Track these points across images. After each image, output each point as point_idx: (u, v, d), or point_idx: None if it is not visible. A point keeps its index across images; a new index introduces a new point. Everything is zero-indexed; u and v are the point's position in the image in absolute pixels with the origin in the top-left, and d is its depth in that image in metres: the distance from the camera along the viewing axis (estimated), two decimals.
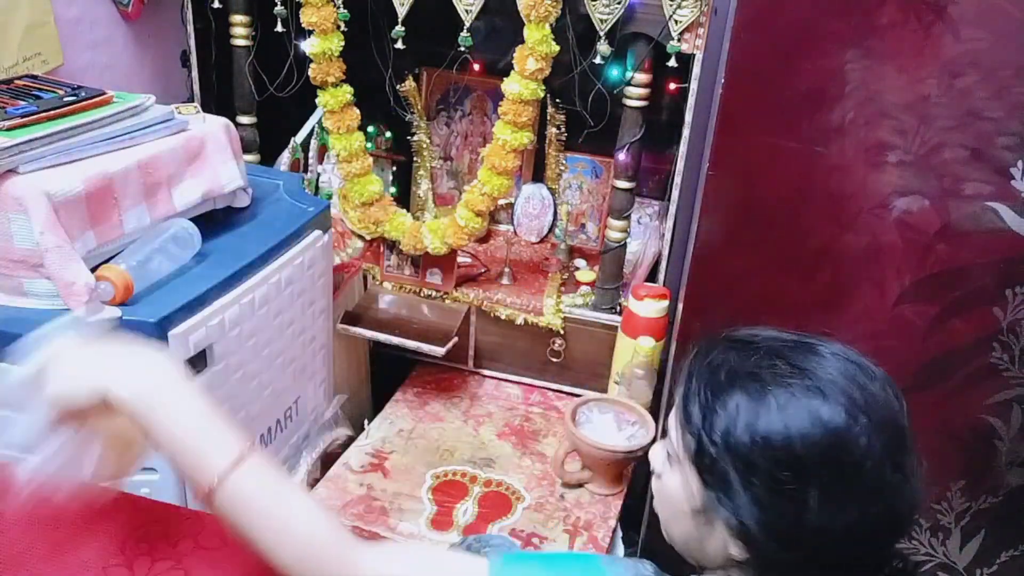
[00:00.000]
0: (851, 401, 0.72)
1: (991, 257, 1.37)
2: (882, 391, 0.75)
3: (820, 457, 0.71)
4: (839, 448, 0.71)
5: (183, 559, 1.02)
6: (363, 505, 1.61)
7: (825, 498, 0.71)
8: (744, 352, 0.79)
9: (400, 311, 1.97)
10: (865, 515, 0.72)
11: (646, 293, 1.75)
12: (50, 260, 1.16)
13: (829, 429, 0.71)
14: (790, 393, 0.73)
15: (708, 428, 0.75)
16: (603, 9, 1.60)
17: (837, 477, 0.71)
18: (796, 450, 0.71)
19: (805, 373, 0.75)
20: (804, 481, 0.71)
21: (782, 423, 0.72)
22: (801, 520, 0.71)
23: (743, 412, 0.73)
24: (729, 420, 0.74)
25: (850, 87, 1.34)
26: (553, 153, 2.10)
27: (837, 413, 0.71)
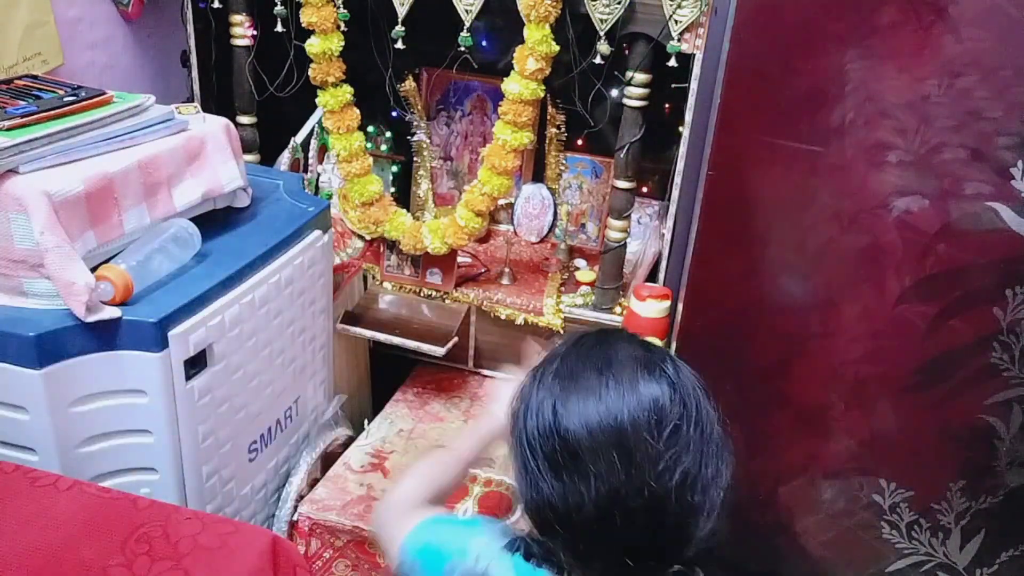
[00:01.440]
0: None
1: (991, 257, 1.37)
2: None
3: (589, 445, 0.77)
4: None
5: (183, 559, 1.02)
6: (363, 505, 1.61)
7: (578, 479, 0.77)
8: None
9: (400, 311, 1.97)
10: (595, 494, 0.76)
11: (648, 293, 1.75)
12: (50, 260, 1.16)
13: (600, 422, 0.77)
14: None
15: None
16: (603, 9, 1.60)
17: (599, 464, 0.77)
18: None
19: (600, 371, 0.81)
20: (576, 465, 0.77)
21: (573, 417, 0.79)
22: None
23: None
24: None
25: (850, 87, 1.34)
26: (553, 153, 2.10)
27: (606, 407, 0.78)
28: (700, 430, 0.78)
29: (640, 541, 0.77)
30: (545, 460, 0.79)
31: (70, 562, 0.99)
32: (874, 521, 1.59)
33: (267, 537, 1.09)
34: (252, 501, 1.55)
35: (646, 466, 0.75)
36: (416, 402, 1.95)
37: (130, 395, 1.24)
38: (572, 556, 0.81)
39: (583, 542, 0.79)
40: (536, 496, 0.80)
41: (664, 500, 0.75)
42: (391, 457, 1.76)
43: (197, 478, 1.35)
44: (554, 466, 0.78)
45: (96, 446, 1.25)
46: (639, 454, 0.75)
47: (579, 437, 0.76)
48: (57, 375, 1.17)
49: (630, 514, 0.75)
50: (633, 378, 0.78)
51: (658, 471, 0.75)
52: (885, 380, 1.50)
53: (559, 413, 0.78)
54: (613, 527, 0.76)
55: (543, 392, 0.81)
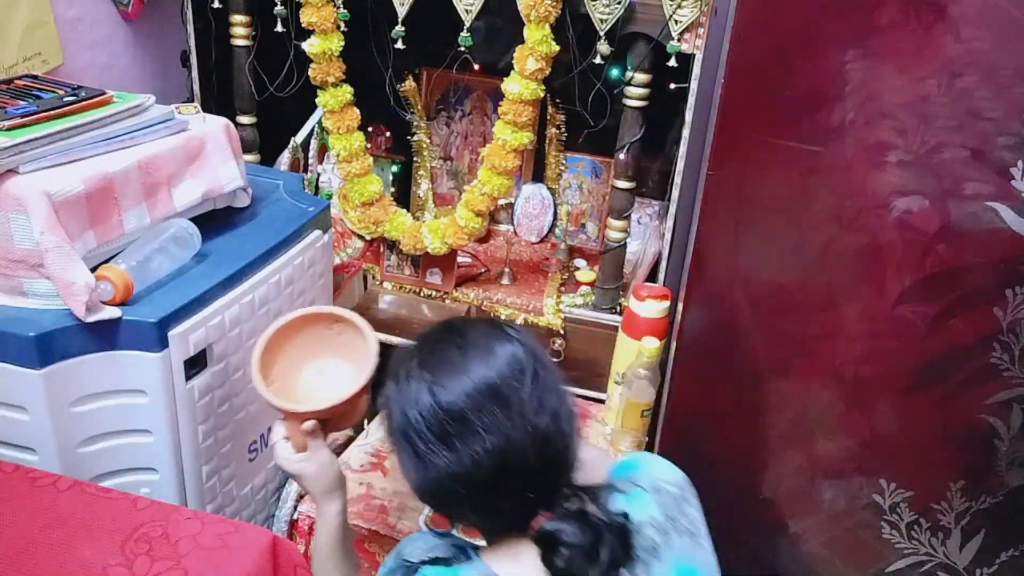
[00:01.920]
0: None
1: (991, 257, 1.37)
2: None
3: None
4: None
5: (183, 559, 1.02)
6: (363, 504, 1.61)
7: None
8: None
9: (400, 311, 1.97)
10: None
11: (647, 293, 1.75)
12: (50, 260, 1.16)
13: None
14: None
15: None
16: (603, 9, 1.60)
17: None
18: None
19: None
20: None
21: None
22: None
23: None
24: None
25: (850, 87, 1.34)
26: (553, 153, 2.10)
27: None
28: (549, 372, 0.92)
29: (535, 475, 0.89)
30: (434, 437, 0.88)
31: (70, 562, 0.99)
32: (874, 521, 1.59)
33: (267, 537, 1.10)
34: (252, 501, 1.55)
35: (523, 409, 0.87)
36: None
37: (130, 395, 1.25)
38: (480, 513, 0.93)
39: (488, 494, 0.89)
40: (434, 474, 0.89)
41: (545, 433, 0.88)
42: (391, 457, 1.76)
43: (197, 478, 1.35)
44: (444, 438, 0.87)
45: (96, 446, 1.25)
46: (514, 401, 0.87)
47: (461, 404, 0.87)
48: (57, 375, 1.17)
49: (522, 453, 0.87)
50: (488, 344, 0.91)
51: (533, 410, 0.88)
52: (885, 380, 1.50)
53: (436, 392, 0.88)
54: (510, 470, 0.87)
55: (414, 383, 0.91)
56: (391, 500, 1.63)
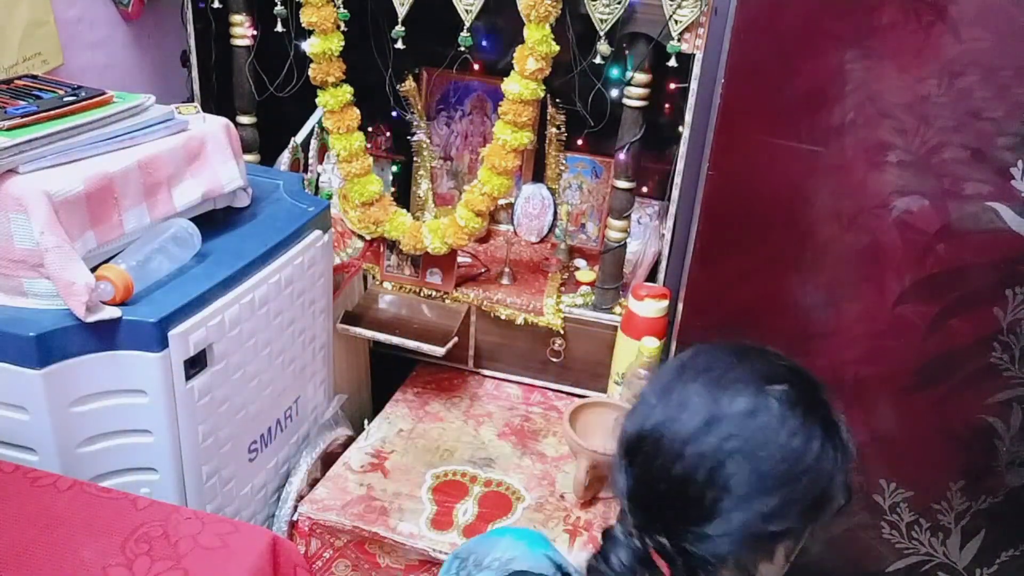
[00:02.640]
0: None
1: (991, 257, 1.37)
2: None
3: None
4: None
5: (183, 559, 1.02)
6: (363, 505, 1.61)
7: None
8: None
9: (400, 311, 1.97)
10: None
11: (646, 293, 1.75)
12: (50, 260, 1.16)
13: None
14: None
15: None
16: (603, 9, 1.60)
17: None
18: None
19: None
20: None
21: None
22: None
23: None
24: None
25: (850, 87, 1.34)
26: (553, 153, 2.10)
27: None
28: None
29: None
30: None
31: (70, 562, 0.99)
32: (874, 521, 1.59)
33: (267, 537, 1.09)
34: (252, 501, 1.55)
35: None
36: (416, 402, 1.95)
37: (130, 395, 1.24)
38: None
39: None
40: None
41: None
42: (391, 457, 1.76)
43: (197, 478, 1.35)
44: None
45: (96, 446, 1.25)
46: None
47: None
48: (57, 375, 1.17)
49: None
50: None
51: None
52: (885, 380, 1.50)
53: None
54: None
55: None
56: (392, 502, 1.63)
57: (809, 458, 0.79)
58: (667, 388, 0.82)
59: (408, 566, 1.58)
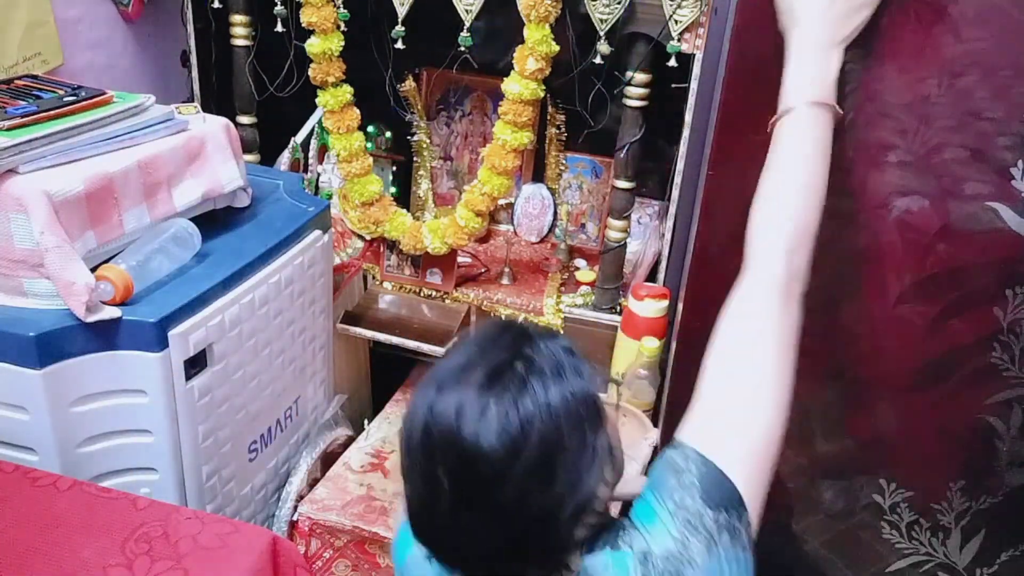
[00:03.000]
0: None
1: (991, 257, 1.37)
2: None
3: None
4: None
5: (183, 559, 1.02)
6: (363, 505, 1.61)
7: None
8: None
9: (400, 311, 1.97)
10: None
11: (646, 293, 1.75)
12: (50, 260, 1.16)
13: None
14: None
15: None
16: (603, 9, 1.60)
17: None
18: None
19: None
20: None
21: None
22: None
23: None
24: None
25: (850, 87, 1.34)
26: (553, 153, 2.10)
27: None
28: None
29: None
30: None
31: (70, 562, 0.99)
32: (874, 521, 1.59)
33: (267, 537, 1.10)
34: (252, 501, 1.55)
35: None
36: None
37: (130, 395, 1.25)
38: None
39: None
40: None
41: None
42: (391, 457, 1.76)
43: (197, 478, 1.35)
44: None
45: (96, 446, 1.25)
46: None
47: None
48: (57, 375, 1.17)
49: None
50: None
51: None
52: (885, 380, 1.50)
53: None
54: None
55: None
56: (392, 502, 1.63)
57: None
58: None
59: None
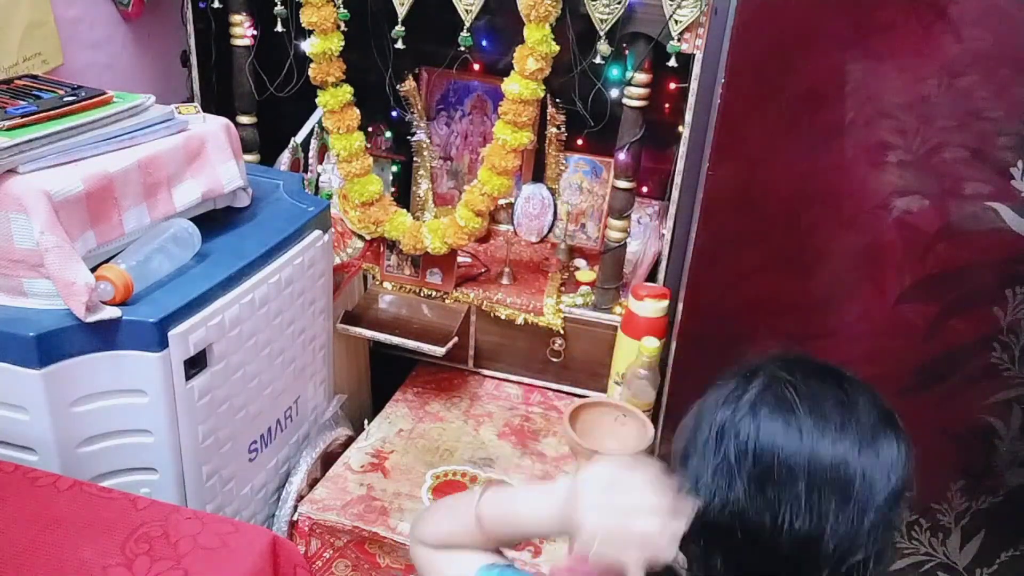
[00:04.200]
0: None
1: (991, 257, 1.37)
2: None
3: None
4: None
5: (183, 559, 1.02)
6: (363, 505, 1.61)
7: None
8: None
9: (400, 311, 1.97)
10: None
11: (646, 293, 1.75)
12: (50, 260, 1.16)
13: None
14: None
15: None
16: (603, 9, 1.60)
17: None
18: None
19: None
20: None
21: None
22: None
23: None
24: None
25: (850, 87, 1.34)
26: (553, 153, 2.10)
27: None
28: (902, 503, 0.77)
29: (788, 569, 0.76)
30: (756, 471, 0.74)
31: (70, 562, 0.99)
32: None
33: (267, 537, 1.09)
34: (252, 501, 1.55)
35: (851, 521, 0.73)
36: (416, 402, 1.95)
37: (130, 395, 1.25)
38: (724, 561, 0.77)
39: (752, 554, 0.76)
40: (728, 507, 0.75)
41: (841, 560, 0.74)
42: (391, 457, 1.76)
43: (197, 478, 1.35)
44: (763, 481, 0.74)
45: (96, 446, 1.25)
46: (854, 507, 0.73)
47: (805, 464, 0.74)
48: (57, 375, 1.17)
49: (813, 552, 0.74)
50: (874, 429, 0.77)
51: (856, 532, 0.73)
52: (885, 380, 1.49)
53: (790, 433, 0.75)
54: (784, 550, 0.74)
55: (772, 409, 0.76)
56: (392, 502, 1.63)
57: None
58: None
59: (408, 566, 1.58)
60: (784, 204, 1.45)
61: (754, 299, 1.53)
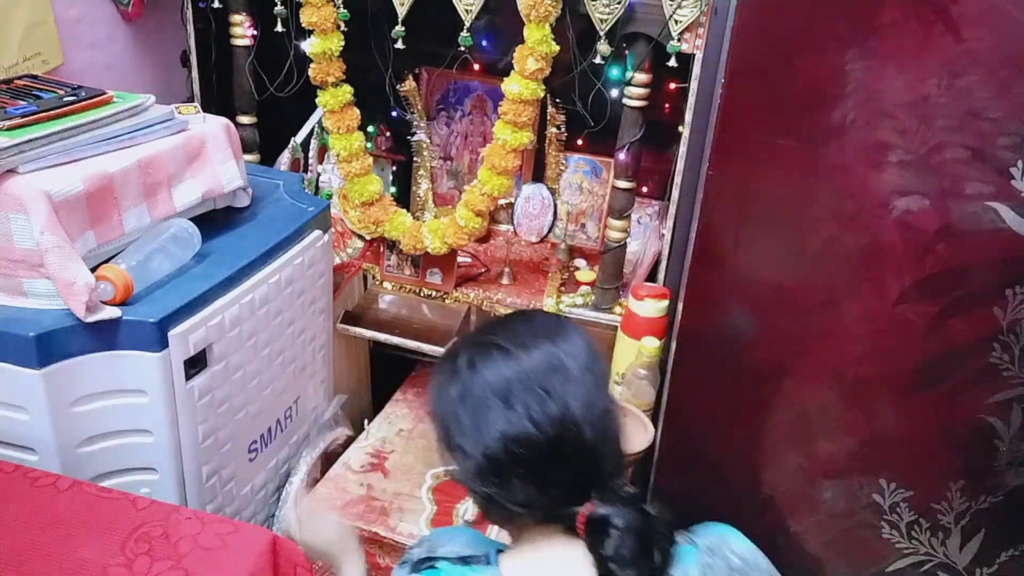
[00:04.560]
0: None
1: (991, 257, 1.37)
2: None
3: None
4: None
5: (183, 559, 1.02)
6: (363, 505, 1.61)
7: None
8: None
9: (400, 311, 1.97)
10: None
11: (646, 293, 1.75)
12: (50, 260, 1.16)
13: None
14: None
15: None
16: (603, 9, 1.60)
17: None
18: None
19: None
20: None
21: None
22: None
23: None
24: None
25: (850, 87, 1.34)
26: (553, 153, 2.10)
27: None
28: (605, 369, 0.98)
29: (590, 452, 0.90)
30: (498, 399, 0.89)
31: (70, 562, 0.99)
32: (874, 521, 1.59)
33: (267, 537, 1.10)
34: (252, 501, 1.55)
35: (583, 387, 0.91)
36: (416, 402, 1.95)
37: (130, 395, 1.25)
38: (529, 483, 0.89)
39: (542, 462, 0.88)
40: (491, 436, 0.89)
41: (603, 413, 0.91)
42: (391, 457, 1.76)
43: (197, 478, 1.35)
44: (506, 398, 0.89)
45: (96, 446, 1.25)
46: (575, 378, 0.90)
47: (527, 370, 0.90)
48: (57, 375, 1.17)
49: (578, 424, 0.88)
50: (559, 329, 0.95)
51: (593, 390, 0.92)
52: (885, 380, 1.50)
53: (506, 359, 0.91)
54: (566, 438, 0.88)
55: (484, 351, 0.93)
56: (392, 502, 1.63)
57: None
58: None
59: None
60: (784, 204, 1.45)
61: (754, 299, 1.53)
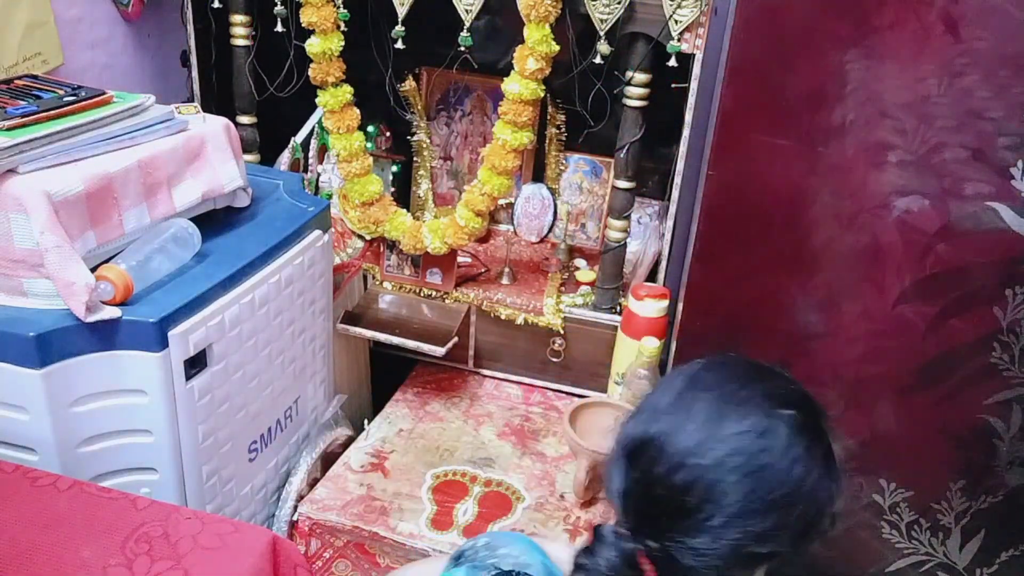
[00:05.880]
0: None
1: (991, 257, 1.37)
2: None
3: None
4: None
5: (183, 559, 1.02)
6: (363, 505, 1.61)
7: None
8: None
9: (400, 311, 1.97)
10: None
11: (646, 293, 1.75)
12: (50, 260, 1.16)
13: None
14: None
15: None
16: (603, 9, 1.60)
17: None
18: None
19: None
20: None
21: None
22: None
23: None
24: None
25: (850, 87, 1.34)
26: (553, 153, 2.10)
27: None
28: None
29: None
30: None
31: (70, 562, 0.99)
32: (874, 521, 1.60)
33: (267, 537, 1.10)
34: (252, 501, 1.55)
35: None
36: (416, 402, 1.95)
37: (130, 395, 1.25)
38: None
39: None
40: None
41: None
42: (391, 457, 1.76)
43: (197, 478, 1.35)
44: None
45: (96, 446, 1.25)
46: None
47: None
48: (57, 375, 1.17)
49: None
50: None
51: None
52: (885, 380, 1.50)
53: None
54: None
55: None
56: (392, 502, 1.63)
57: (807, 487, 0.79)
58: (678, 397, 0.82)
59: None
60: (784, 204, 1.45)
61: (754, 299, 1.53)
